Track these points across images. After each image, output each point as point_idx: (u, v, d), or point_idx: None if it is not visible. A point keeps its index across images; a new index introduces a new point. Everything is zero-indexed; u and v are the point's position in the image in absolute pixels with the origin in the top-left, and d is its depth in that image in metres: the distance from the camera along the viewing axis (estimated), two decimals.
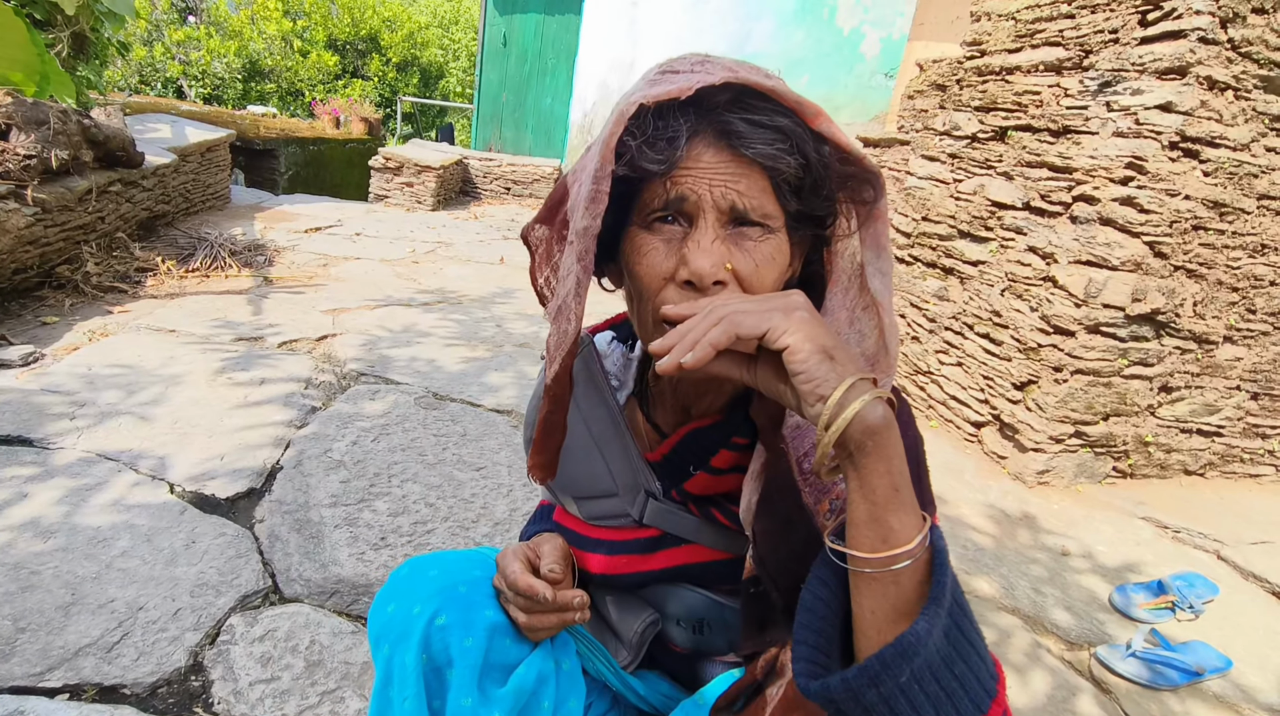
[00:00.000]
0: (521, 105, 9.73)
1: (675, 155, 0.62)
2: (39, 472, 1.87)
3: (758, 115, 0.62)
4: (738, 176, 0.63)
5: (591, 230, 0.63)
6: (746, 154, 0.62)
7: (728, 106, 0.63)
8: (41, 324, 2.91)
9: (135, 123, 5.54)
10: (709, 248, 0.63)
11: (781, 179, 0.64)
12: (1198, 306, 2.53)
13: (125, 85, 12.83)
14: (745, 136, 0.62)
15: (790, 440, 0.69)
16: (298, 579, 1.63)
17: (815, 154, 0.64)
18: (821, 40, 6.85)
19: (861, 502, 0.55)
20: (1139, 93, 2.30)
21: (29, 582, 1.49)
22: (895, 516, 0.54)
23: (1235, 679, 1.78)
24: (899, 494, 0.54)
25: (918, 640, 0.51)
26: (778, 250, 0.66)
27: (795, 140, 0.63)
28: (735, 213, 0.64)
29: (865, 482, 0.54)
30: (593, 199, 0.62)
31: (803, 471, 0.68)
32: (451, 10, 21.26)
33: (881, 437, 0.53)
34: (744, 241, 0.65)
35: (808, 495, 0.67)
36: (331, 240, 5.23)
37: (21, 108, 3.21)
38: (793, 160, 0.63)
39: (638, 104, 0.61)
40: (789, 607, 0.69)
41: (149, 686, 1.30)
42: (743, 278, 0.65)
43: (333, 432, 2.29)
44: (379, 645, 0.77)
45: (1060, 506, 2.53)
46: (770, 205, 0.65)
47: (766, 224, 0.65)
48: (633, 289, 0.71)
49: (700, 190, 0.63)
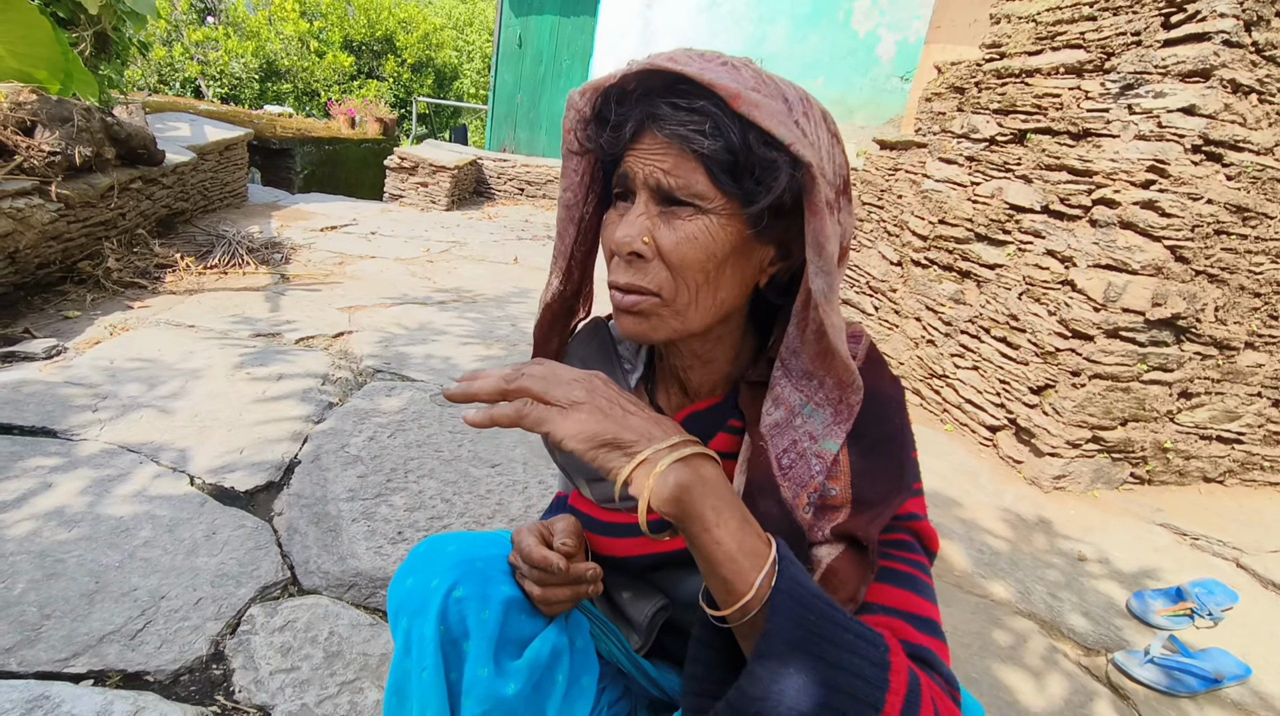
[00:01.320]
0: (536, 106, 9.77)
1: (620, 136, 0.69)
2: (63, 463, 1.89)
3: (679, 99, 0.65)
4: (665, 157, 0.67)
5: (563, 201, 0.78)
6: (662, 134, 0.66)
7: (660, 92, 0.67)
8: (64, 318, 2.94)
9: (155, 121, 5.60)
10: (632, 220, 0.69)
11: (709, 161, 0.66)
12: (1219, 312, 2.51)
13: (144, 84, 12.97)
14: (663, 119, 0.66)
15: (769, 437, 0.71)
16: (316, 571, 1.64)
17: (739, 137, 0.64)
18: (837, 43, 6.85)
19: (698, 559, 0.58)
20: (1161, 95, 2.29)
21: (54, 570, 1.51)
22: (726, 567, 0.57)
23: (1254, 686, 1.77)
24: (720, 547, 0.57)
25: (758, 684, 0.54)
26: (705, 230, 0.68)
27: (714, 121, 0.64)
28: (661, 191, 0.68)
29: (692, 543, 0.58)
30: (563, 174, 0.77)
31: (781, 467, 0.70)
32: (466, 12, 21.37)
33: (686, 500, 0.57)
34: (674, 219, 0.69)
35: (786, 490, 0.69)
36: (347, 239, 5.26)
37: (46, 105, 3.25)
38: (709, 142, 0.64)
39: (579, 94, 0.71)
40: None
41: (171, 674, 1.32)
42: (664, 251, 0.69)
43: (349, 428, 2.30)
44: (398, 617, 0.79)
45: (1077, 512, 2.51)
46: (701, 184, 0.66)
47: (695, 203, 0.68)
48: None
49: (636, 169, 0.69)
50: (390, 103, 15.87)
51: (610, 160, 0.74)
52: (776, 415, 0.71)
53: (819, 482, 0.68)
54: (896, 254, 3.60)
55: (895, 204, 3.67)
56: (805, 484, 0.69)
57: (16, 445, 1.94)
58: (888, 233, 3.74)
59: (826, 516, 0.69)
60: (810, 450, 0.69)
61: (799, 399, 0.71)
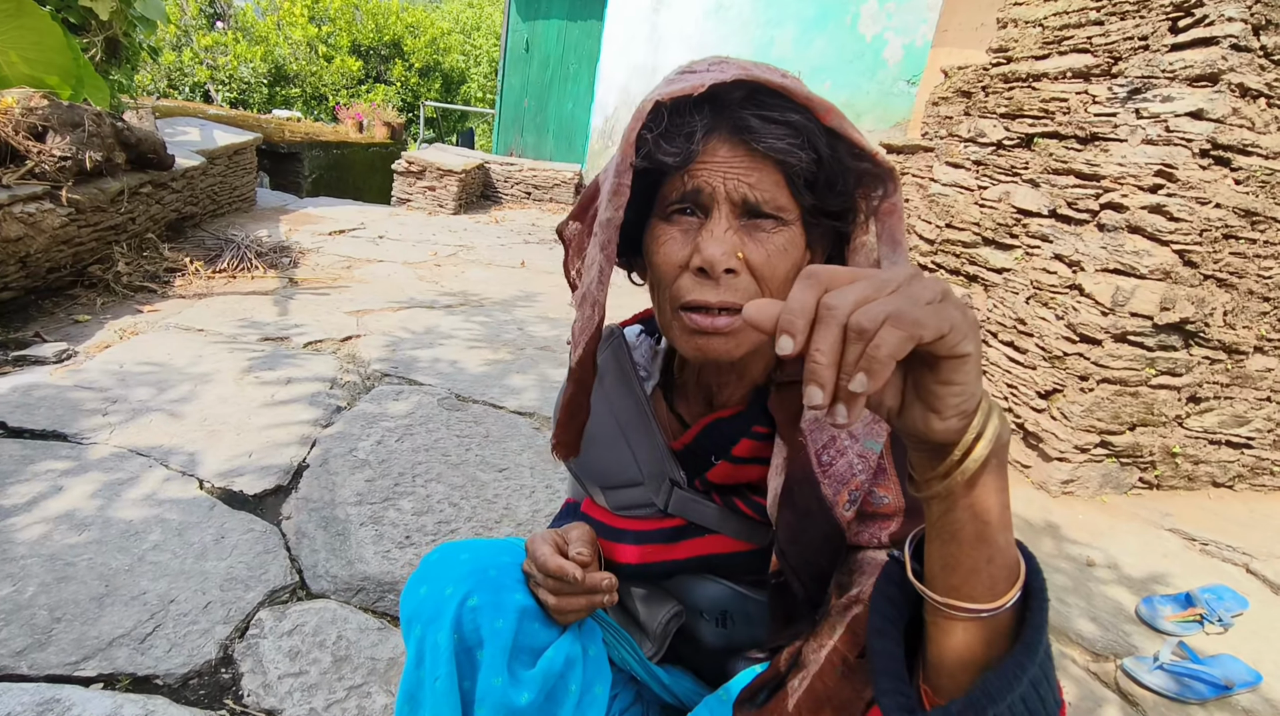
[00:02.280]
0: (543, 110, 9.80)
1: (691, 149, 0.65)
2: (74, 466, 1.91)
3: (770, 112, 0.65)
4: (750, 170, 0.66)
5: (614, 222, 0.68)
6: (759, 148, 0.65)
7: (741, 104, 0.65)
8: (74, 322, 2.96)
9: (165, 125, 5.64)
10: (721, 236, 0.66)
11: (794, 173, 0.66)
12: (1228, 316, 2.50)
13: (154, 89, 13.06)
14: (757, 131, 0.65)
15: (809, 433, 0.71)
16: (324, 575, 1.65)
17: (827, 149, 0.66)
18: (844, 47, 6.85)
19: (971, 523, 0.46)
20: (1169, 100, 2.28)
21: (64, 574, 1.52)
22: (1004, 535, 0.47)
23: (1265, 693, 1.75)
24: (1008, 511, 0.48)
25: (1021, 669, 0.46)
26: (791, 243, 0.69)
27: (807, 135, 0.65)
28: (748, 205, 0.67)
29: (979, 502, 0.46)
30: (615, 192, 0.66)
31: (821, 463, 0.70)
32: (474, 16, 21.45)
33: (1005, 455, 0.47)
34: (757, 233, 0.68)
35: (826, 487, 0.69)
36: (355, 243, 5.29)
37: (58, 110, 3.28)
38: (804, 154, 0.65)
39: (654, 101, 0.64)
40: (811, 599, 0.70)
41: (181, 677, 1.33)
42: (755, 267, 0.68)
43: (358, 432, 2.31)
44: (411, 625, 0.79)
45: (1085, 516, 2.50)
46: (783, 198, 0.67)
47: (779, 217, 0.68)
48: (652, 277, 0.74)
49: (715, 183, 0.66)
50: (398, 107, 15.93)
51: (656, 173, 0.69)
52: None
53: (861, 481, 0.68)
54: None
55: (903, 208, 3.67)
56: (846, 482, 0.68)
57: (28, 448, 1.96)
58: None
59: (879, 524, 0.69)
60: (852, 448, 0.69)
61: None
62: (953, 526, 0.47)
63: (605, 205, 0.68)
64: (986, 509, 0.46)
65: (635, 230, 0.74)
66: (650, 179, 0.70)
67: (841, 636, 0.63)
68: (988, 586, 0.47)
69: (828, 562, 0.69)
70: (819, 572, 0.69)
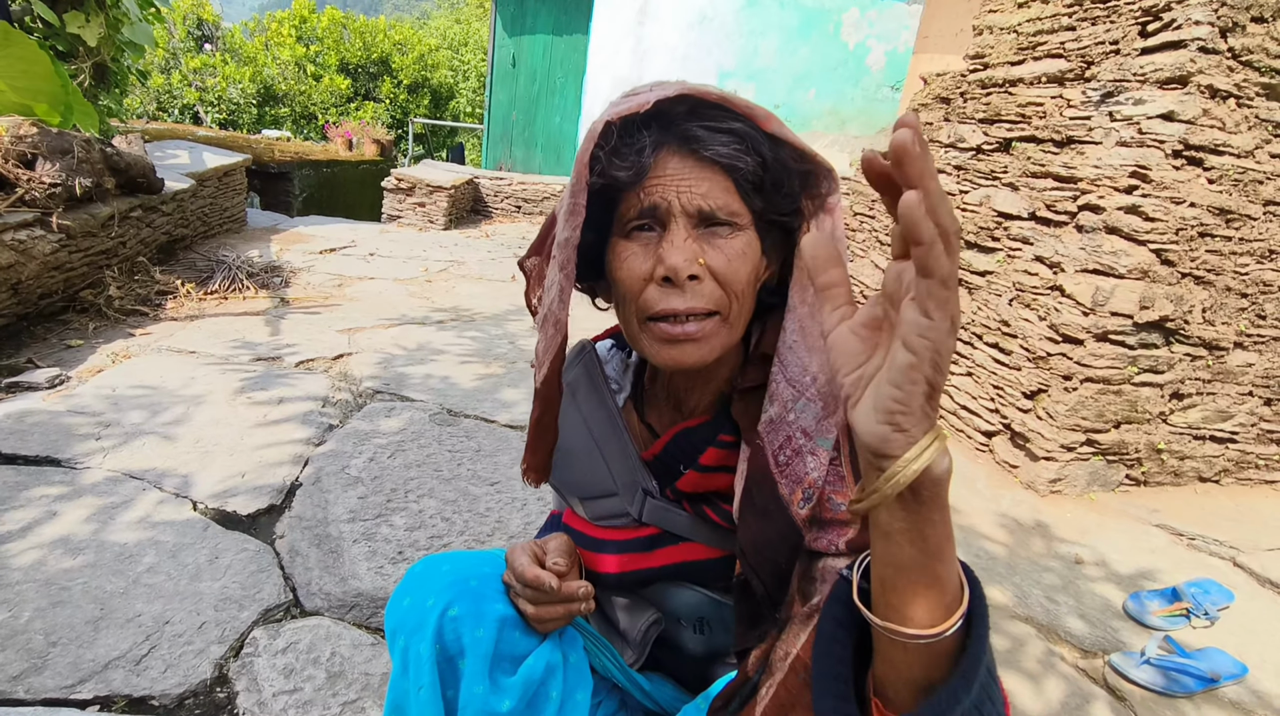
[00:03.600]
0: (531, 124, 9.85)
1: (642, 162, 0.69)
2: (68, 491, 1.92)
3: (713, 122, 0.69)
4: (701, 179, 0.70)
5: (572, 241, 0.70)
6: (706, 155, 0.69)
7: (686, 117, 0.69)
8: (66, 347, 2.98)
9: (155, 149, 5.67)
10: (682, 245, 0.70)
11: (742, 178, 0.70)
12: (1207, 313, 2.54)
13: (143, 112, 13.09)
14: (703, 140, 0.68)
15: (765, 435, 0.73)
16: (318, 592, 1.67)
17: (770, 154, 0.70)
18: (827, 55, 6.92)
19: (907, 547, 0.47)
20: (1141, 102, 2.33)
21: (59, 598, 1.53)
22: (943, 566, 0.48)
23: (1251, 685, 1.78)
24: (949, 544, 0.48)
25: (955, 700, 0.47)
26: (747, 245, 0.73)
27: (750, 142, 0.69)
28: (703, 214, 0.70)
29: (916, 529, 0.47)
30: (571, 212, 0.70)
31: (778, 463, 0.72)
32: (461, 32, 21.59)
33: (942, 491, 0.47)
34: (715, 239, 0.71)
35: (783, 486, 0.71)
36: (346, 261, 5.31)
37: (47, 138, 3.31)
38: (749, 159, 0.69)
39: (605, 121, 0.68)
40: (772, 598, 0.72)
41: (176, 697, 1.34)
42: (717, 271, 0.71)
43: (350, 450, 2.33)
44: (395, 637, 0.81)
45: (1073, 515, 2.53)
46: (735, 204, 0.71)
47: (733, 222, 0.71)
48: (617, 294, 0.77)
49: (669, 197, 0.70)
50: (387, 124, 16.00)
51: (612, 192, 0.72)
52: (771, 411, 0.73)
53: (814, 479, 0.70)
54: (888, 262, 3.63)
55: (886, 213, 3.71)
56: (800, 480, 0.70)
57: (21, 475, 1.97)
58: (880, 242, 3.77)
59: (837, 530, 0.70)
60: (805, 447, 0.71)
61: (791, 394, 0.73)
62: (891, 550, 0.48)
63: (562, 226, 0.71)
64: (923, 537, 0.47)
65: (594, 253, 0.77)
66: (606, 199, 0.73)
67: (804, 644, 0.65)
68: (925, 612, 0.48)
69: (785, 561, 0.71)
70: (778, 571, 0.71)
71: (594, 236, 0.75)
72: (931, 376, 0.42)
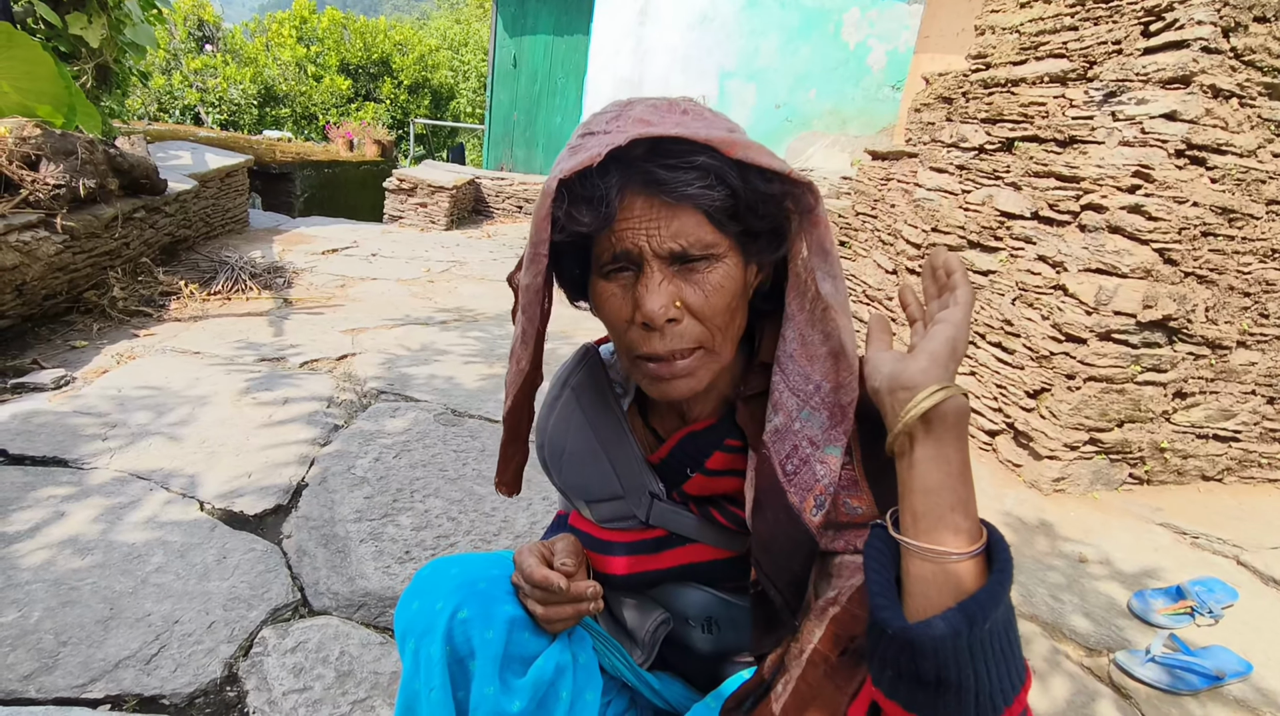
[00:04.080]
0: (532, 124, 9.86)
1: (607, 212, 0.66)
2: (75, 492, 1.93)
3: (674, 159, 0.66)
4: (670, 219, 0.67)
5: (533, 287, 0.72)
6: (670, 199, 0.66)
7: (646, 157, 0.66)
8: (71, 348, 2.98)
9: (157, 150, 5.68)
10: (657, 289, 0.69)
11: (713, 211, 0.68)
12: (1210, 312, 2.54)
13: (144, 113, 13.10)
14: (667, 183, 0.66)
15: (771, 445, 0.73)
16: (326, 592, 1.67)
17: (739, 180, 0.67)
18: (828, 55, 6.92)
19: (933, 470, 0.58)
20: (1144, 102, 2.33)
21: (69, 598, 1.54)
22: (965, 488, 0.58)
23: (1256, 682, 1.78)
24: (968, 469, 0.59)
25: (1001, 588, 0.54)
26: (727, 275, 0.71)
27: (715, 173, 0.66)
28: (675, 255, 0.69)
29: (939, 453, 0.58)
30: (531, 260, 0.70)
31: (785, 473, 0.72)
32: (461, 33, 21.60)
33: (962, 424, 0.59)
34: (692, 275, 0.70)
35: (793, 495, 0.71)
36: (348, 261, 5.32)
37: (51, 139, 3.31)
38: (717, 193, 0.66)
39: (557, 180, 0.66)
40: (789, 605, 0.72)
41: (187, 696, 1.34)
42: (694, 309, 0.70)
43: (355, 450, 2.34)
44: (405, 639, 0.81)
45: (1077, 514, 2.53)
46: (709, 236, 0.69)
47: (710, 255, 0.70)
48: (607, 328, 0.77)
49: (640, 242, 0.68)
50: (388, 124, 16.02)
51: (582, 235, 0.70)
52: (776, 421, 0.73)
53: (824, 486, 0.69)
54: (891, 262, 3.64)
55: (889, 213, 3.72)
56: (810, 488, 0.70)
57: (29, 475, 1.98)
58: (882, 242, 3.78)
59: (854, 532, 0.71)
60: (814, 456, 0.71)
61: (796, 403, 0.72)
62: (922, 477, 0.58)
63: (525, 271, 0.71)
64: (948, 460, 0.58)
65: (585, 278, 0.76)
66: (582, 237, 0.71)
67: (822, 637, 0.65)
68: (953, 532, 0.56)
69: (800, 568, 0.71)
70: (794, 579, 0.71)
71: (579, 269, 0.75)
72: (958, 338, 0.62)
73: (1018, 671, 0.55)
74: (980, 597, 0.53)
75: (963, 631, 0.52)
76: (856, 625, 0.65)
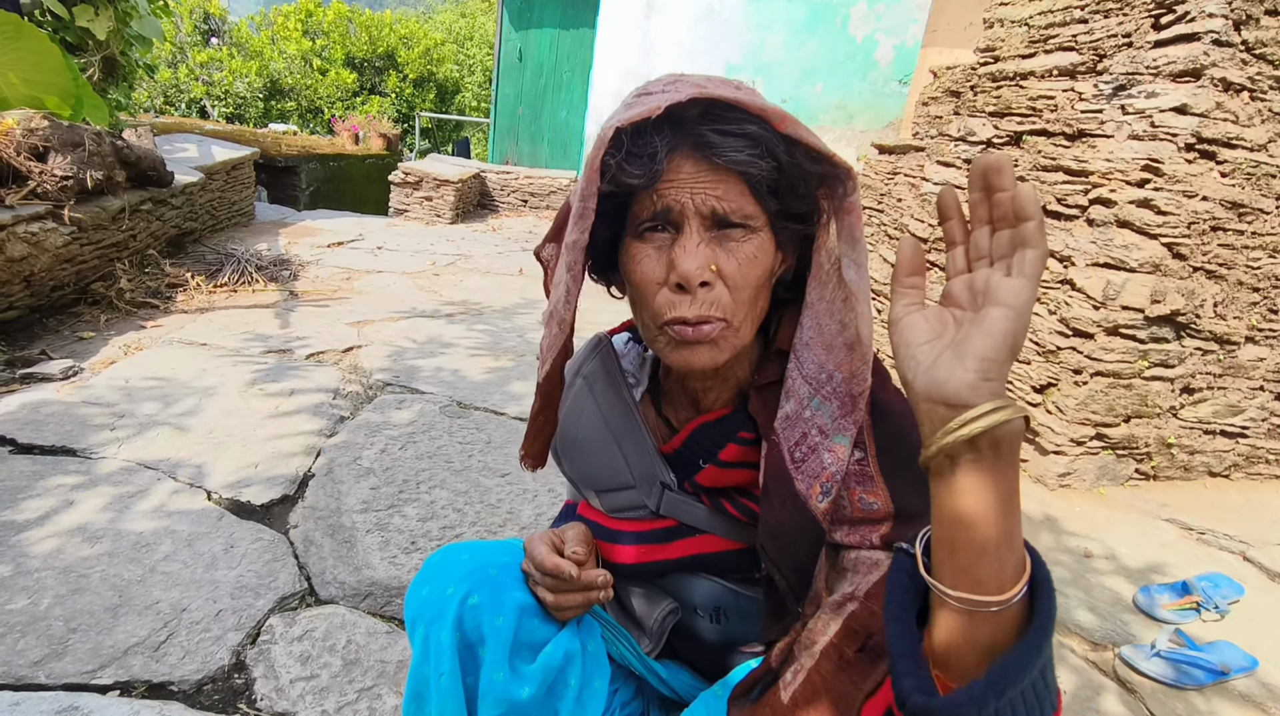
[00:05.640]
0: (537, 118, 9.84)
1: (655, 169, 0.67)
2: (84, 481, 1.94)
3: (727, 125, 0.67)
4: (715, 183, 0.68)
5: (580, 243, 0.71)
6: (720, 162, 0.67)
7: (699, 120, 0.67)
8: (79, 339, 3.00)
9: (164, 143, 5.68)
10: (694, 251, 0.69)
11: (757, 181, 0.69)
12: (1218, 307, 2.53)
13: (151, 106, 13.13)
14: (717, 146, 0.67)
15: (780, 432, 0.74)
16: (332, 581, 1.68)
17: (786, 156, 0.69)
18: (835, 48, 6.89)
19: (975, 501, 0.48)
20: (1154, 95, 2.32)
21: (78, 585, 1.55)
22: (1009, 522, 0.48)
23: (1261, 678, 1.78)
24: (1015, 501, 0.49)
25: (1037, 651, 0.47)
26: (760, 249, 0.72)
27: (765, 145, 0.67)
28: (716, 217, 0.69)
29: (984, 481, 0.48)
30: (581, 215, 0.69)
31: (794, 460, 0.72)
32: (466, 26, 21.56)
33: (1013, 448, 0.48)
34: (728, 242, 0.70)
35: (800, 482, 0.71)
36: (354, 254, 5.32)
37: (58, 131, 3.32)
38: (764, 163, 0.68)
39: (614, 128, 0.66)
40: (794, 591, 0.73)
41: (195, 683, 1.35)
42: (727, 276, 0.70)
43: (362, 441, 2.34)
44: (415, 625, 0.82)
45: (1083, 508, 2.53)
46: (750, 207, 0.70)
47: (748, 224, 0.70)
48: (632, 294, 0.77)
49: (683, 199, 0.69)
50: (393, 118, 16.00)
51: (624, 193, 0.71)
52: (788, 407, 0.74)
53: (831, 473, 0.70)
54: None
55: (895, 207, 3.70)
56: (817, 476, 0.71)
57: (38, 464, 1.99)
58: (889, 236, 3.77)
59: (869, 527, 0.71)
60: (822, 445, 0.71)
61: (808, 391, 0.73)
62: (964, 506, 0.48)
63: (571, 228, 0.71)
64: (993, 487, 0.48)
65: (610, 247, 0.77)
66: (620, 200, 0.72)
67: (837, 632, 0.66)
68: (994, 575, 0.48)
69: (806, 554, 0.72)
70: (799, 564, 0.72)
71: (608, 233, 0.75)
72: (1019, 331, 0.48)
73: (1050, 704, 0.50)
74: (1010, 662, 0.47)
75: (989, 702, 0.46)
76: (874, 621, 0.65)
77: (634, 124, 0.66)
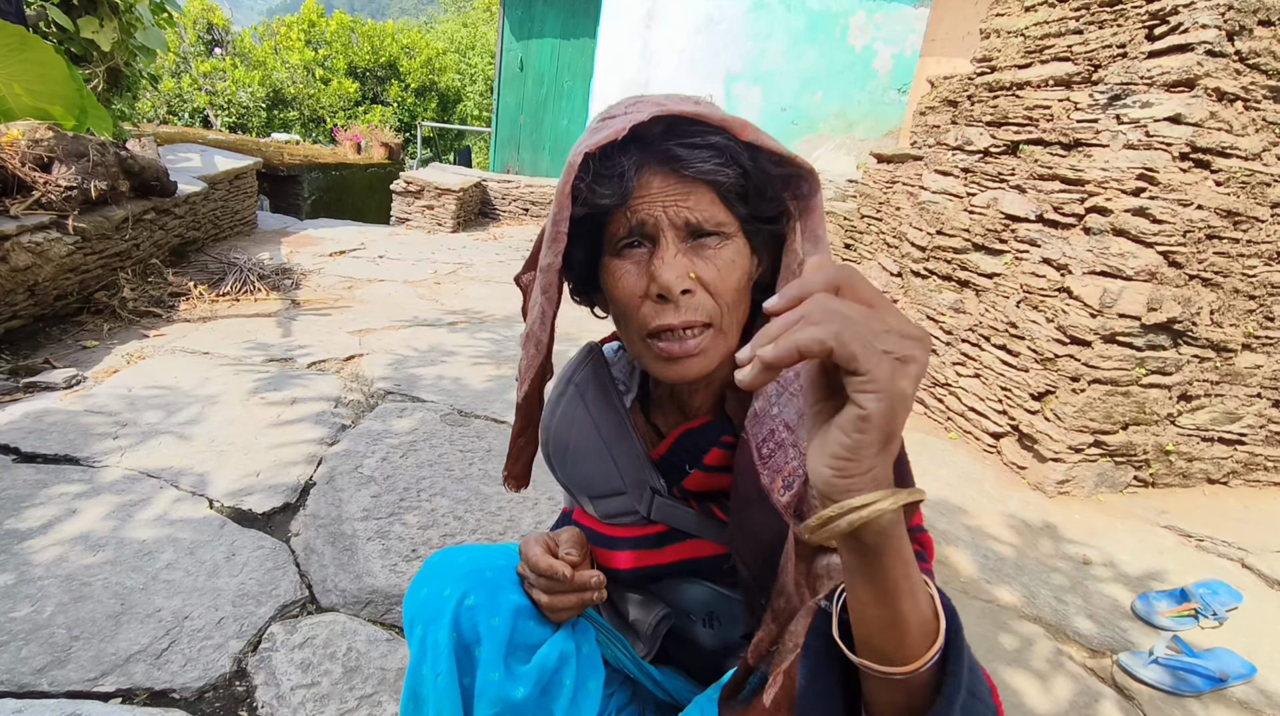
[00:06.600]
0: (539, 127, 9.90)
1: (625, 186, 0.70)
2: (87, 489, 1.95)
3: (692, 138, 0.70)
4: (686, 194, 0.71)
5: (554, 266, 0.73)
6: (688, 173, 0.70)
7: (663, 137, 0.70)
8: (82, 348, 3.01)
9: (167, 152, 5.72)
10: (672, 261, 0.71)
11: (726, 189, 0.72)
12: (1215, 314, 2.54)
13: (154, 115, 13.20)
14: (684, 159, 0.70)
15: (750, 428, 0.76)
16: (333, 589, 1.69)
17: (750, 162, 0.72)
18: (834, 58, 6.94)
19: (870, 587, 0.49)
20: (1148, 105, 2.34)
21: (81, 593, 1.56)
22: (908, 602, 0.49)
23: (1260, 685, 1.78)
24: (907, 582, 0.49)
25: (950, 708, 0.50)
26: (736, 253, 0.74)
27: (729, 153, 0.71)
28: (690, 227, 0.72)
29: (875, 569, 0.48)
30: (554, 239, 0.72)
31: (761, 456, 0.74)
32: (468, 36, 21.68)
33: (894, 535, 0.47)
34: (704, 251, 0.73)
35: (764, 476, 0.73)
36: (356, 263, 5.35)
37: (63, 141, 3.35)
38: (731, 171, 0.71)
39: (583, 153, 0.68)
40: (760, 582, 0.76)
41: (197, 691, 1.36)
42: (707, 282, 0.72)
43: (363, 449, 2.36)
44: (413, 625, 0.83)
45: (1081, 516, 2.53)
46: (721, 214, 0.73)
47: (721, 232, 0.73)
48: (615, 311, 0.79)
49: (656, 213, 0.71)
50: (395, 127, 16.08)
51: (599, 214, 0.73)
52: (757, 405, 0.76)
53: (793, 467, 0.71)
54: (896, 265, 3.64)
55: (894, 216, 3.72)
56: (780, 470, 0.72)
57: (41, 473, 2.00)
58: (887, 244, 3.79)
59: None
60: (788, 441, 0.73)
61: (775, 388, 0.75)
62: (853, 587, 0.50)
63: (545, 252, 0.73)
64: (874, 580, 0.48)
65: (589, 269, 0.79)
66: (596, 221, 0.74)
67: None
68: (895, 649, 0.49)
69: (767, 547, 0.74)
70: (763, 555, 0.75)
71: (585, 254, 0.78)
72: (882, 423, 0.42)
73: None
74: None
75: None
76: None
77: (601, 147, 0.68)
